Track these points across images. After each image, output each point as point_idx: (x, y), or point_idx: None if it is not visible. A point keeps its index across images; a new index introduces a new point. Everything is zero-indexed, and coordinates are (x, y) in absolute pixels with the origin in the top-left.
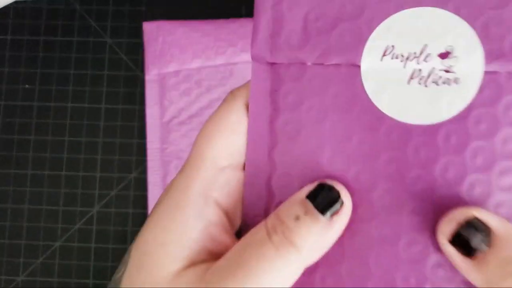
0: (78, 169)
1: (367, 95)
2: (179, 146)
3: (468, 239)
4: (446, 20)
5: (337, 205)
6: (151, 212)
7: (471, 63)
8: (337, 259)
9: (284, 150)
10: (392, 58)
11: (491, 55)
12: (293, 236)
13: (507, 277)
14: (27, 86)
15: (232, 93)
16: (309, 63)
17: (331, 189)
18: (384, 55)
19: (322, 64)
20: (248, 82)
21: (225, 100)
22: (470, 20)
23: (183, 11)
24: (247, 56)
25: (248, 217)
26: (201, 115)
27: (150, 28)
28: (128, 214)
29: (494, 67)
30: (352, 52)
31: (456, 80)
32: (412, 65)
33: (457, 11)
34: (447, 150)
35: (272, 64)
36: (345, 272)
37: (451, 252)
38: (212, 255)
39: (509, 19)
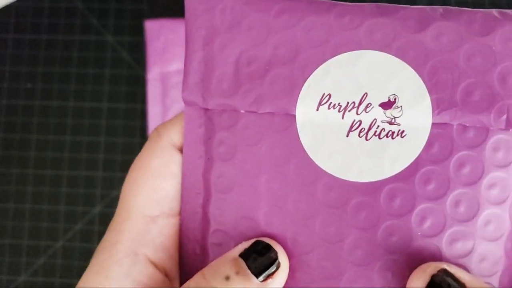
0: (80, 169)
1: (303, 148)
2: None
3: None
4: (389, 65)
5: (273, 267)
6: (86, 269)
7: (417, 114)
8: None
9: (218, 205)
10: (329, 108)
11: (440, 105)
12: None
13: None
14: (28, 85)
15: (156, 130)
16: (242, 111)
17: (268, 248)
18: (320, 104)
19: (255, 112)
20: (176, 117)
21: (149, 139)
22: (416, 65)
23: (184, 10)
24: None
25: (187, 276)
26: None
27: (152, 27)
28: None
29: (444, 118)
30: (285, 100)
31: (400, 133)
32: (351, 116)
33: (401, 55)
34: (390, 212)
35: (206, 109)
36: None
37: None
38: None
39: (460, 64)
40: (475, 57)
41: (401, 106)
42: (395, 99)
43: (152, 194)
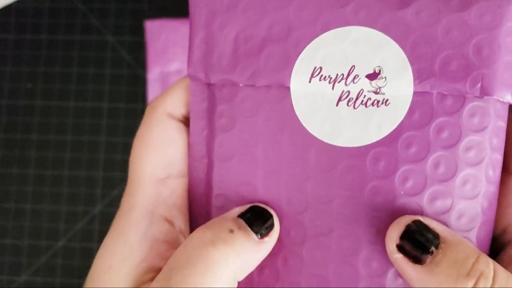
0: (80, 169)
1: (297, 117)
2: None
3: (418, 236)
4: (375, 40)
5: (268, 228)
6: (105, 237)
7: (400, 83)
8: (296, 274)
9: (220, 172)
10: (320, 80)
11: (421, 75)
12: (234, 248)
13: (460, 277)
14: (29, 85)
15: (150, 105)
16: (240, 84)
17: (263, 211)
18: (312, 76)
19: (253, 85)
20: (167, 90)
21: (145, 115)
22: (399, 39)
23: (185, 9)
24: None
25: None
26: None
27: (152, 27)
28: None
29: (424, 87)
30: (281, 74)
31: (385, 102)
32: (340, 87)
33: (385, 30)
34: (375, 174)
35: (208, 84)
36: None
37: (400, 260)
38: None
39: (439, 38)
40: (452, 31)
41: (385, 77)
42: (380, 70)
43: (158, 160)
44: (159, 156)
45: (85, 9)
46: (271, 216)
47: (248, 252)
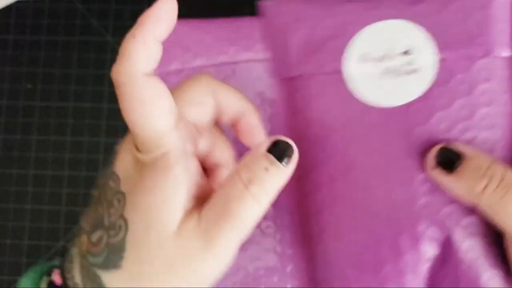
0: (80, 169)
1: (351, 92)
2: None
3: (447, 155)
4: (404, 28)
5: (291, 155)
6: (133, 182)
7: (426, 56)
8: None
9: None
10: (366, 62)
11: (440, 48)
12: (267, 186)
13: (480, 179)
14: (29, 85)
15: (121, 72)
16: (315, 72)
17: (285, 143)
18: (360, 60)
19: (321, 72)
20: (124, 54)
21: (124, 81)
22: (421, 25)
23: (184, 10)
24: (249, 55)
25: None
26: None
27: None
28: None
29: (443, 56)
30: (337, 61)
31: (416, 71)
32: (383, 64)
33: (412, 19)
34: (417, 120)
35: (288, 78)
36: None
37: (437, 173)
38: (196, 199)
39: (448, 20)
40: (457, 14)
41: (414, 53)
42: (410, 49)
43: (165, 109)
44: (163, 107)
45: (84, 10)
46: (293, 149)
47: (281, 182)
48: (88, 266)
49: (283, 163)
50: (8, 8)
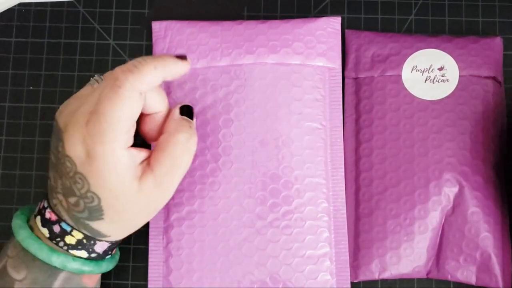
0: None
1: (407, 89)
2: None
3: None
4: (440, 54)
5: (193, 112)
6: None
7: (453, 72)
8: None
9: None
10: (416, 71)
11: (461, 68)
12: (195, 139)
13: None
14: (31, 88)
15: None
16: (375, 75)
17: (187, 106)
18: (412, 70)
19: (383, 75)
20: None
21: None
22: (451, 53)
23: (186, 13)
24: (251, 58)
25: None
26: (205, 114)
27: (159, 27)
28: None
29: (462, 73)
30: (397, 70)
31: (446, 80)
32: (426, 74)
33: (443, 50)
34: (445, 109)
35: (356, 78)
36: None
37: None
38: (142, 164)
39: (471, 52)
40: (466, 47)
41: (446, 69)
42: (443, 66)
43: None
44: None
45: (86, 13)
46: (192, 108)
47: (196, 137)
48: (76, 217)
49: (194, 120)
50: (10, 11)
